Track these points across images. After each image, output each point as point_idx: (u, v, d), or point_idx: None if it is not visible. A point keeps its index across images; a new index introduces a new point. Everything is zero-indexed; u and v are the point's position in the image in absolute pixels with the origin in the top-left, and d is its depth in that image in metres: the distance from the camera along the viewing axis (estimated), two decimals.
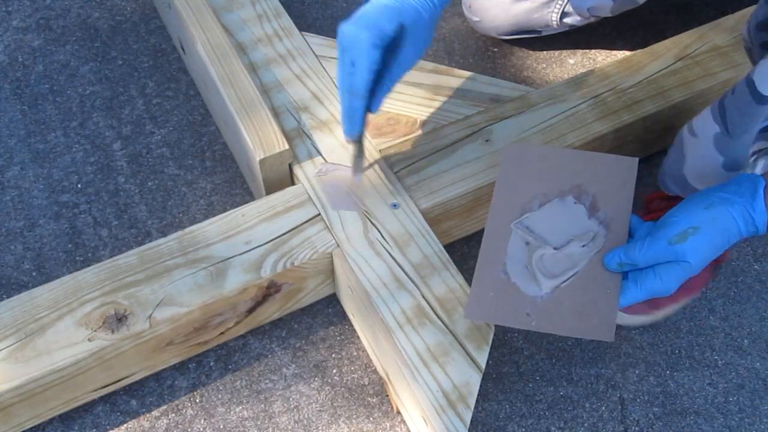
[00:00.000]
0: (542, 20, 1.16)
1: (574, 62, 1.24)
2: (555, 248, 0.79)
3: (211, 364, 0.94)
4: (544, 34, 1.20)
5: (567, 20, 1.16)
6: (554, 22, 1.16)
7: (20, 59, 1.22)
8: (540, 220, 0.81)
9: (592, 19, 1.15)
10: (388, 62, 0.81)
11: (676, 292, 0.92)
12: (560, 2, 1.14)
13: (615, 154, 0.86)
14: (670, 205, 1.00)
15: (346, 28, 0.80)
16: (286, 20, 1.10)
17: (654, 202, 1.02)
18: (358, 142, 0.89)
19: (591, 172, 0.83)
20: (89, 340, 0.81)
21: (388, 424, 0.90)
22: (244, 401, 0.91)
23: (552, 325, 0.76)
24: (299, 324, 0.97)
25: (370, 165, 0.95)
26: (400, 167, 0.95)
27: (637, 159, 0.84)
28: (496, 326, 0.96)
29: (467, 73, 1.06)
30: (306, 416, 0.90)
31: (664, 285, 0.74)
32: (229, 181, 1.09)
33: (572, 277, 0.77)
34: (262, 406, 0.91)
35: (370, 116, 0.85)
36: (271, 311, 0.92)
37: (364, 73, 0.79)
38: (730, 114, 0.82)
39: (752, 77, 0.79)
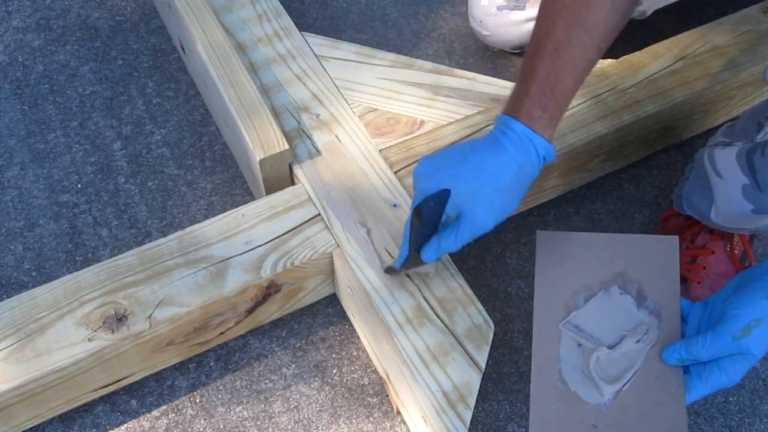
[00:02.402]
0: None
1: None
2: (609, 347, 0.75)
3: (211, 364, 0.94)
4: None
5: None
6: None
7: (20, 59, 1.22)
8: (588, 318, 0.77)
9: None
10: (457, 216, 0.77)
11: None
12: None
13: (653, 235, 0.82)
14: (687, 223, 1.00)
15: (423, 168, 0.77)
16: (286, 20, 1.10)
17: (670, 220, 1.02)
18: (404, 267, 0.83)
19: (631, 257, 0.79)
20: (89, 340, 0.81)
21: (388, 424, 0.89)
22: (244, 401, 0.91)
23: None
24: (299, 324, 0.97)
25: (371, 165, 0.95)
26: (400, 167, 0.95)
27: (677, 237, 0.80)
28: (496, 326, 0.96)
29: (467, 73, 1.06)
30: (306, 416, 0.90)
31: (729, 378, 0.71)
32: (229, 181, 1.09)
33: (632, 378, 0.74)
34: (262, 406, 0.91)
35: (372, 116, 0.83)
36: (271, 311, 0.92)
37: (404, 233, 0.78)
38: (760, 173, 0.81)
39: None
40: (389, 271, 0.84)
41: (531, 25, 1.15)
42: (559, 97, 0.75)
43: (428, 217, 0.76)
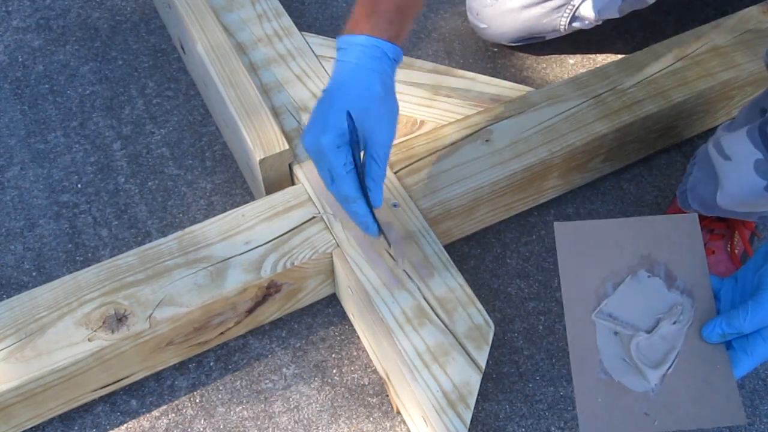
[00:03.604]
0: (550, 25, 1.16)
1: (574, 62, 1.24)
2: (647, 332, 0.74)
3: (211, 364, 0.94)
4: (549, 38, 1.20)
5: (575, 24, 1.16)
6: (563, 27, 1.16)
7: (20, 59, 1.22)
8: (620, 305, 0.75)
9: (600, 22, 1.15)
10: (364, 150, 0.78)
11: None
12: (570, 7, 1.13)
13: (672, 215, 0.81)
14: None
15: (306, 140, 0.77)
16: (286, 20, 1.10)
17: None
18: (382, 234, 0.84)
19: (654, 239, 0.78)
20: (89, 340, 0.81)
21: (388, 424, 0.90)
22: (244, 401, 0.91)
23: (676, 420, 0.71)
24: (299, 324, 0.97)
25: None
26: (400, 167, 0.95)
27: (696, 215, 0.79)
28: (496, 326, 0.96)
29: (467, 73, 1.06)
30: (306, 416, 0.90)
31: None
32: (229, 181, 1.09)
33: (675, 361, 0.72)
34: (262, 406, 0.91)
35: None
36: (271, 311, 0.92)
37: (344, 178, 0.76)
38: None
39: None
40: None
41: (527, 13, 1.15)
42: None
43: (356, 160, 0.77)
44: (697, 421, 0.70)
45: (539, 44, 1.25)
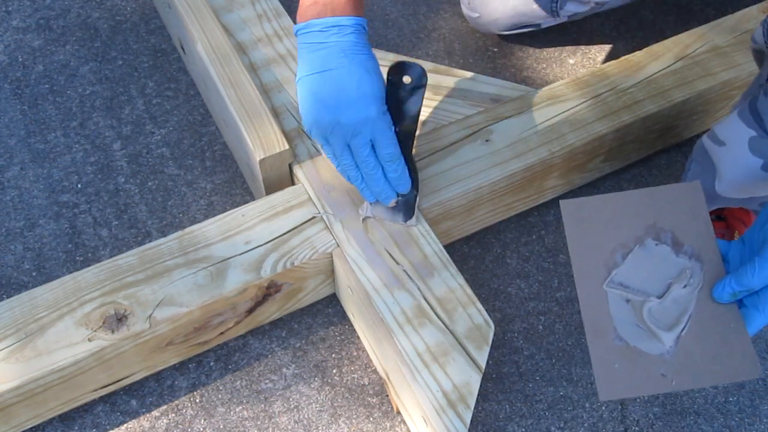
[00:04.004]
0: (542, 10, 1.14)
1: (574, 62, 1.24)
2: (658, 297, 0.75)
3: (211, 364, 0.94)
4: (544, 26, 1.19)
5: (569, 7, 1.14)
6: (555, 11, 1.14)
7: (20, 59, 1.22)
8: (630, 273, 0.76)
9: (593, 4, 1.13)
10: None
11: None
12: None
13: (675, 184, 0.81)
14: None
15: (344, 116, 0.81)
16: (286, 20, 1.10)
17: None
18: (414, 192, 0.90)
19: (659, 208, 0.79)
20: (89, 340, 0.81)
21: (388, 424, 0.90)
22: (244, 401, 0.91)
23: (693, 379, 0.72)
24: (299, 324, 0.97)
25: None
26: None
27: (698, 182, 0.80)
28: (496, 326, 0.96)
29: (467, 73, 1.06)
30: (306, 416, 0.90)
31: None
32: (229, 181, 1.09)
33: (688, 323, 0.73)
34: (262, 406, 0.91)
35: None
36: (271, 311, 0.92)
37: (393, 139, 0.84)
38: (767, 117, 0.80)
39: None
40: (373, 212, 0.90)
41: (517, 0, 1.14)
42: None
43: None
44: (714, 378, 0.71)
45: (539, 43, 1.25)
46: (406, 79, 0.84)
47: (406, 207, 0.89)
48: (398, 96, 0.85)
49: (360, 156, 0.83)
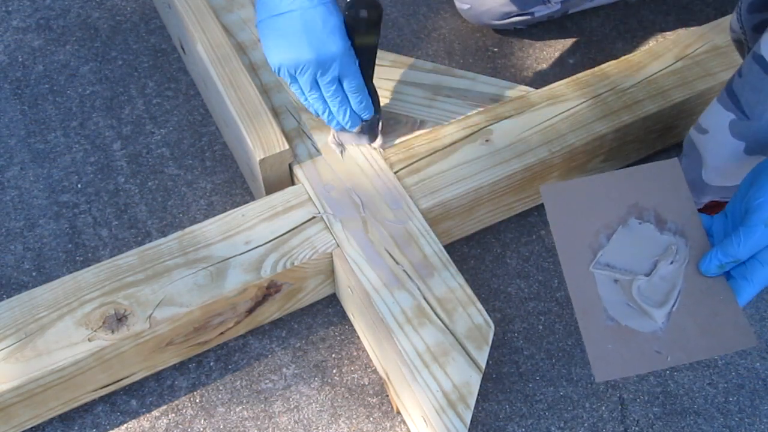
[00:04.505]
0: None
1: (574, 62, 1.24)
2: (645, 275, 0.75)
3: (211, 364, 0.94)
4: (537, 15, 1.18)
5: None
6: None
7: (20, 59, 1.22)
8: (616, 253, 0.76)
9: None
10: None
11: None
12: None
13: (653, 162, 0.81)
14: None
15: (313, 56, 0.83)
16: None
17: None
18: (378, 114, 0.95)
19: (639, 188, 0.79)
20: (89, 340, 0.81)
21: (388, 424, 0.90)
22: (244, 401, 0.91)
23: (687, 354, 0.71)
24: (299, 324, 0.97)
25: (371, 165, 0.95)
26: (400, 167, 0.95)
27: (676, 159, 0.80)
28: (496, 326, 0.96)
29: (467, 73, 1.06)
30: (306, 416, 0.90)
31: None
32: (229, 181, 1.09)
33: (678, 298, 0.73)
34: (262, 406, 0.91)
35: None
36: (271, 311, 0.92)
37: (357, 72, 0.87)
38: (743, 97, 0.79)
39: (760, 53, 0.76)
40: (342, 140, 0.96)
41: None
42: None
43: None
44: (709, 350, 0.71)
45: (539, 44, 1.25)
46: (363, 14, 0.86)
47: (371, 130, 0.95)
48: (358, 30, 0.87)
49: (328, 90, 0.87)
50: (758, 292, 0.71)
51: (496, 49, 1.26)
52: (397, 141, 0.98)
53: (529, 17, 1.19)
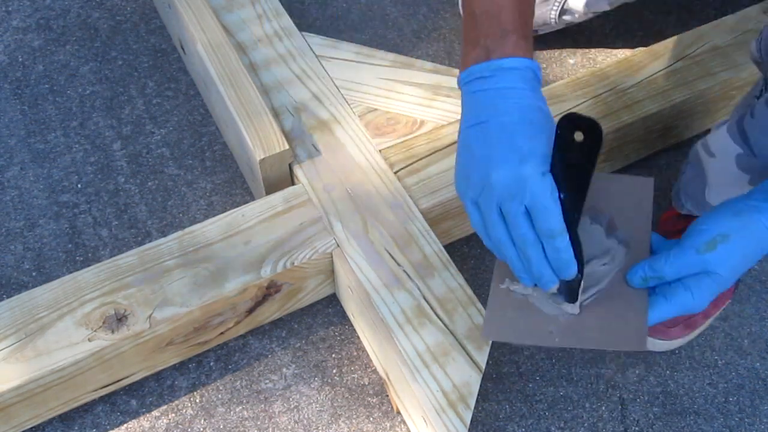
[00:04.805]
0: (540, 18, 1.16)
1: (574, 62, 1.24)
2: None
3: (211, 364, 0.94)
4: (540, 33, 1.20)
5: (566, 17, 1.16)
6: (553, 20, 1.16)
7: (20, 59, 1.22)
8: None
9: (591, 15, 1.15)
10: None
11: (707, 308, 0.88)
12: (559, 0, 1.13)
13: (629, 175, 0.82)
14: (687, 224, 1.00)
15: (496, 174, 0.67)
16: (286, 20, 1.11)
17: (670, 220, 1.02)
18: (579, 275, 0.72)
19: (605, 194, 0.79)
20: (89, 340, 0.81)
21: (388, 424, 0.90)
22: (244, 401, 0.91)
23: (578, 339, 0.71)
24: (299, 324, 0.97)
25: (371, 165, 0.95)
26: (400, 167, 0.95)
27: (652, 179, 0.80)
28: None
29: None
30: (306, 416, 0.90)
31: (696, 300, 0.68)
32: (229, 181, 1.09)
33: (595, 295, 0.74)
34: (262, 406, 0.91)
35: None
36: (271, 311, 0.92)
37: (554, 209, 0.67)
38: (752, 137, 0.80)
39: None
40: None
41: None
42: (529, 19, 0.74)
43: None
44: (599, 342, 0.72)
45: (539, 44, 1.25)
46: (578, 136, 0.68)
47: (569, 292, 0.73)
48: (566, 157, 0.68)
49: (514, 226, 0.68)
50: (675, 314, 0.71)
51: None
52: (397, 141, 0.98)
53: (533, 34, 1.20)
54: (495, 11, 0.72)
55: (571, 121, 0.67)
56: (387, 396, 0.91)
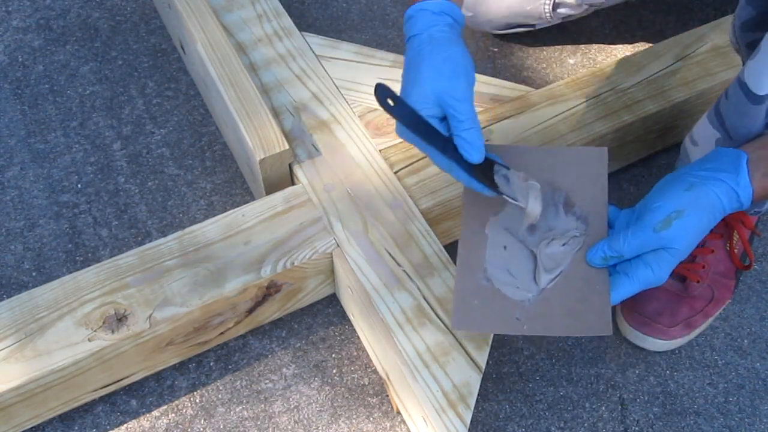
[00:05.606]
0: (536, 12, 1.16)
1: (574, 62, 1.24)
2: (535, 249, 0.77)
3: (211, 364, 0.94)
4: (538, 27, 1.19)
5: (561, 10, 1.15)
6: (547, 14, 1.15)
7: (20, 59, 1.22)
8: (514, 220, 0.78)
9: (585, 6, 1.14)
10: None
11: (707, 307, 0.91)
12: None
13: (583, 147, 0.83)
14: None
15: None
16: (286, 20, 1.11)
17: None
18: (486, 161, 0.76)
19: (561, 168, 0.80)
20: (89, 340, 0.81)
21: (388, 424, 0.90)
22: (244, 401, 0.91)
23: (545, 327, 0.74)
24: (299, 324, 0.97)
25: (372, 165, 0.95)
26: (400, 167, 0.95)
27: (605, 149, 0.82)
28: None
29: None
30: (306, 416, 0.90)
31: (656, 274, 0.72)
32: (229, 181, 1.09)
33: (557, 277, 0.75)
34: (262, 406, 0.91)
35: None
36: (271, 311, 0.92)
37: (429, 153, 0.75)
38: (728, 119, 0.82)
39: (743, 80, 0.78)
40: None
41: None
42: None
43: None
44: (565, 329, 0.73)
45: (539, 43, 1.25)
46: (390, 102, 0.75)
47: (486, 180, 0.78)
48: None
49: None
50: (637, 290, 0.73)
51: (496, 49, 1.26)
52: (397, 141, 0.98)
53: (530, 28, 1.20)
54: None
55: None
56: (387, 396, 0.91)
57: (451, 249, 1.00)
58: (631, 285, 0.73)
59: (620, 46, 1.27)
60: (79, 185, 1.08)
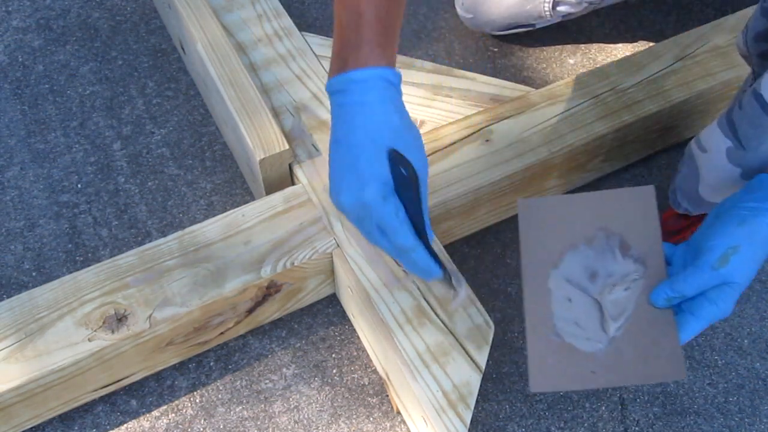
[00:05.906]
0: (535, 11, 1.16)
1: (574, 62, 1.24)
2: (599, 297, 0.76)
3: (211, 364, 0.94)
4: (538, 26, 1.20)
5: (560, 8, 1.15)
6: (547, 13, 1.15)
7: (20, 59, 1.22)
8: (576, 271, 0.78)
9: (585, 5, 1.14)
10: (406, 191, 0.71)
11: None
12: None
13: (629, 187, 0.83)
14: (686, 223, 1.01)
15: (343, 201, 0.71)
16: (286, 20, 1.11)
17: (669, 220, 1.02)
18: (445, 271, 0.77)
19: (610, 212, 0.80)
20: (89, 340, 0.81)
21: (388, 424, 0.90)
22: (244, 401, 0.91)
23: (620, 378, 0.73)
24: (299, 324, 0.97)
25: None
26: None
27: (652, 186, 0.81)
28: (496, 326, 0.96)
29: (467, 73, 1.06)
30: (306, 416, 0.90)
31: (721, 309, 0.71)
32: (229, 181, 1.09)
33: (624, 324, 0.75)
34: (262, 406, 0.91)
35: None
36: (271, 311, 0.92)
37: (399, 229, 0.70)
38: (741, 129, 0.81)
39: (759, 91, 0.78)
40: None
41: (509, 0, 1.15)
42: (391, 25, 0.73)
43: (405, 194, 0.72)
44: (641, 377, 0.73)
45: (539, 43, 1.25)
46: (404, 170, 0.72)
47: (447, 285, 0.84)
48: (399, 181, 0.72)
49: (375, 243, 0.73)
50: (704, 327, 0.73)
51: (496, 49, 1.26)
52: None
53: (530, 28, 1.20)
54: (355, 20, 0.72)
55: (398, 158, 0.71)
56: (387, 396, 0.91)
57: (451, 249, 1.00)
58: (698, 323, 0.73)
59: (620, 46, 1.27)
60: (79, 185, 1.09)
